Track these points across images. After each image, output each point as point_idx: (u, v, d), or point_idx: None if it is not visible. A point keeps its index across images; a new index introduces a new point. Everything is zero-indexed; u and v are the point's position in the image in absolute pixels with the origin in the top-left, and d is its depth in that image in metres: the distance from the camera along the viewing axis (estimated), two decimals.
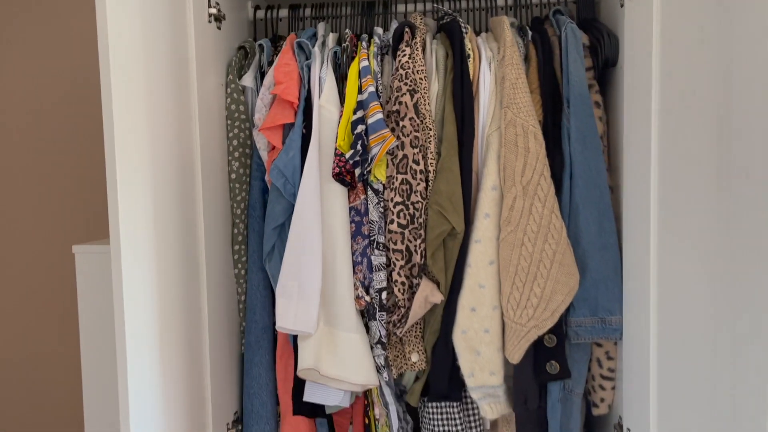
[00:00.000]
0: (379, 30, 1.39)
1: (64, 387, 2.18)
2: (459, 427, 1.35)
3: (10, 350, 2.21)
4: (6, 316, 2.20)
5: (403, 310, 1.31)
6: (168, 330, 1.15)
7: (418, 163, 1.27)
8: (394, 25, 1.38)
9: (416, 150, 1.27)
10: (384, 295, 1.30)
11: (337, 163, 1.28)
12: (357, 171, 1.27)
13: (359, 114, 1.28)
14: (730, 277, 0.86)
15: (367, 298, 1.31)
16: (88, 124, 2.09)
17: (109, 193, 0.97)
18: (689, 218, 0.97)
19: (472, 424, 1.39)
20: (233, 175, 1.40)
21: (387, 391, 1.36)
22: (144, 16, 1.07)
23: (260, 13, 1.56)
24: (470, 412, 1.39)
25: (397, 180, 1.28)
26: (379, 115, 1.25)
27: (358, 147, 1.25)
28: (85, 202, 2.11)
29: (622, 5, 1.23)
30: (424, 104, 1.29)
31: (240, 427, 1.45)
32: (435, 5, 1.49)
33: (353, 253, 1.31)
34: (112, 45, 0.95)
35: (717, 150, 0.88)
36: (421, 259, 1.29)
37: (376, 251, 1.30)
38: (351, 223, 1.32)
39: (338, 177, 1.29)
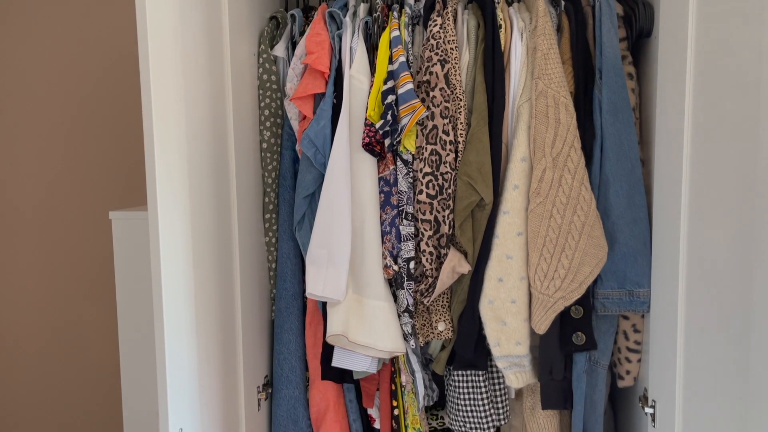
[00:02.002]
0: (411, 0, 1.39)
1: (101, 352, 2.26)
2: (484, 395, 1.37)
3: (49, 316, 2.29)
4: (44, 282, 2.27)
5: (430, 280, 1.32)
6: (202, 295, 1.19)
7: (447, 134, 1.28)
8: None
9: (446, 120, 1.27)
10: (412, 264, 1.32)
11: (367, 133, 1.29)
12: (387, 141, 1.28)
13: (390, 84, 1.28)
14: (761, 251, 0.85)
15: (395, 267, 1.33)
16: (123, 92, 2.13)
17: (147, 161, 0.99)
18: (722, 192, 0.97)
19: (497, 393, 1.41)
20: (264, 145, 1.42)
21: (413, 359, 1.39)
22: None
23: None
24: (495, 381, 1.41)
25: (426, 150, 1.29)
26: (410, 86, 1.26)
27: (388, 117, 1.26)
28: (121, 170, 2.16)
29: None
30: (455, 74, 1.29)
31: (270, 391, 1.49)
32: None
33: (382, 223, 1.33)
34: (150, 15, 0.97)
35: (754, 123, 0.87)
36: (449, 230, 1.30)
37: (404, 221, 1.32)
38: (380, 193, 1.33)
39: (368, 147, 1.30)
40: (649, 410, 1.26)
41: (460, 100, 1.29)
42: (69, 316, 2.27)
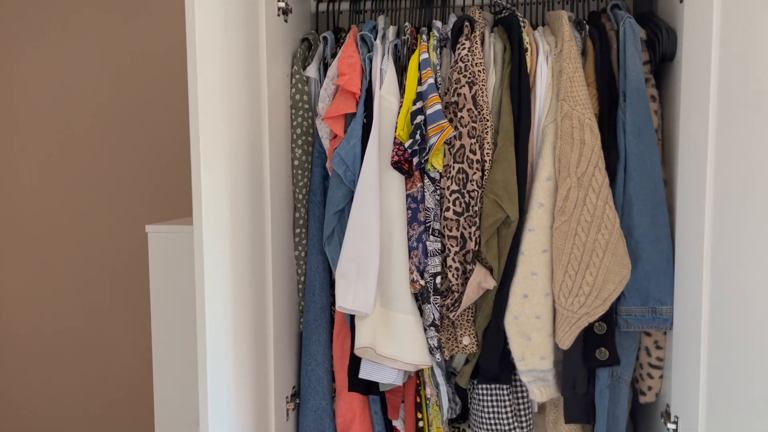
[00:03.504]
0: (438, 23, 1.43)
1: (134, 364, 2.30)
2: (508, 409, 1.40)
3: (84, 328, 2.34)
4: (80, 294, 2.33)
5: (456, 295, 1.36)
6: (240, 308, 1.23)
7: (474, 153, 1.32)
8: (452, 18, 1.42)
9: (473, 140, 1.32)
10: (438, 279, 1.35)
11: (395, 152, 1.34)
12: (415, 159, 1.32)
13: (418, 105, 1.33)
14: None
15: (422, 282, 1.36)
16: (161, 108, 2.20)
17: (193, 177, 1.04)
18: (745, 211, 0.99)
19: (521, 407, 1.43)
20: (296, 162, 1.47)
21: (438, 372, 1.42)
22: (224, 11, 1.14)
23: (322, 6, 1.62)
24: (519, 394, 1.43)
25: (453, 169, 1.33)
26: (438, 106, 1.30)
27: (417, 136, 1.30)
28: (158, 184, 2.21)
29: (681, 1, 1.25)
30: (482, 96, 1.33)
31: (297, 401, 1.53)
32: None
33: (409, 239, 1.37)
34: (199, 35, 1.02)
35: None
36: (475, 246, 1.34)
37: (431, 237, 1.35)
38: (408, 209, 1.37)
39: (397, 165, 1.34)
40: (671, 426, 1.28)
41: (487, 120, 1.33)
42: (102, 330, 2.32)
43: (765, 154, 0.93)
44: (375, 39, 1.42)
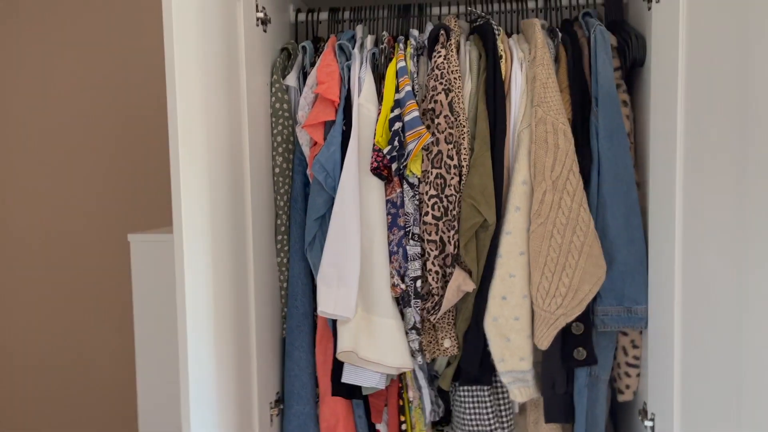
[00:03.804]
0: (415, 32, 1.46)
1: (118, 374, 2.30)
2: (489, 410, 1.42)
3: (66, 338, 2.33)
4: (62, 304, 2.32)
5: (436, 298, 1.38)
6: (221, 315, 1.24)
7: (452, 158, 1.34)
8: (429, 27, 1.45)
9: (450, 146, 1.34)
10: (419, 283, 1.37)
11: (375, 158, 1.36)
12: (394, 166, 1.35)
13: (396, 112, 1.35)
14: (752, 268, 0.91)
15: (403, 286, 1.38)
16: (142, 116, 2.20)
17: (173, 185, 1.05)
18: (713, 213, 1.02)
19: (502, 407, 1.45)
20: (277, 170, 1.49)
21: (420, 375, 1.44)
22: (201, 21, 1.15)
23: (301, 16, 1.64)
24: (500, 395, 1.45)
25: (432, 174, 1.35)
26: (416, 113, 1.33)
27: (395, 143, 1.33)
28: (139, 193, 2.22)
29: (649, 8, 1.29)
30: (458, 102, 1.36)
31: (281, 407, 1.54)
32: (468, 8, 1.56)
33: (389, 244, 1.39)
34: (177, 45, 1.03)
35: (739, 147, 0.93)
36: (454, 250, 1.36)
37: (411, 242, 1.38)
38: (387, 215, 1.39)
39: (376, 171, 1.36)
40: (648, 423, 1.31)
41: (464, 126, 1.36)
42: (85, 338, 2.32)
43: (729, 156, 0.96)
44: (353, 48, 1.45)
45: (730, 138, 0.96)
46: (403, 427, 1.48)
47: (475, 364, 1.39)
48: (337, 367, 1.44)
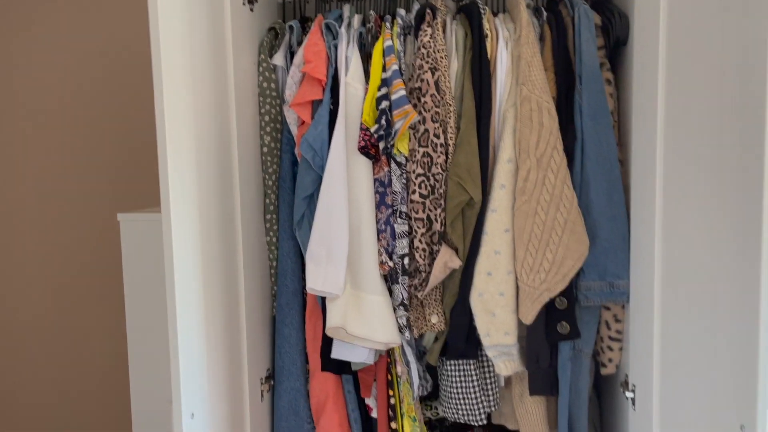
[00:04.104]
0: (402, 11, 1.47)
1: (108, 351, 2.31)
2: (475, 384, 1.45)
3: (56, 316, 2.35)
4: (52, 283, 2.33)
5: (423, 275, 1.40)
6: (210, 293, 1.26)
7: (438, 137, 1.36)
8: (415, 6, 1.45)
9: (437, 125, 1.36)
10: (406, 260, 1.40)
11: (362, 137, 1.37)
12: (381, 144, 1.36)
13: (383, 91, 1.36)
14: (730, 244, 0.94)
15: (391, 264, 1.40)
16: (132, 95, 2.20)
17: (160, 166, 1.06)
18: (692, 189, 1.05)
19: (488, 381, 1.49)
20: (265, 149, 1.50)
21: (408, 350, 1.47)
22: (188, 2, 1.16)
23: None
24: (486, 369, 1.49)
25: (418, 153, 1.37)
26: (402, 92, 1.34)
27: (383, 122, 1.34)
28: (128, 173, 2.22)
29: None
30: (445, 81, 1.37)
31: (272, 383, 1.56)
32: None
33: (377, 222, 1.41)
34: (162, 24, 1.04)
35: (717, 126, 0.96)
36: (441, 227, 1.38)
37: (398, 220, 1.40)
38: (375, 193, 1.41)
39: (363, 150, 1.38)
40: (629, 394, 1.35)
41: (450, 105, 1.38)
42: (75, 318, 2.33)
43: (709, 134, 0.99)
44: (340, 27, 1.45)
45: (710, 117, 0.98)
46: (392, 401, 1.52)
47: (462, 339, 1.42)
48: (327, 343, 1.46)
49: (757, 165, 0.84)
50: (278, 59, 1.50)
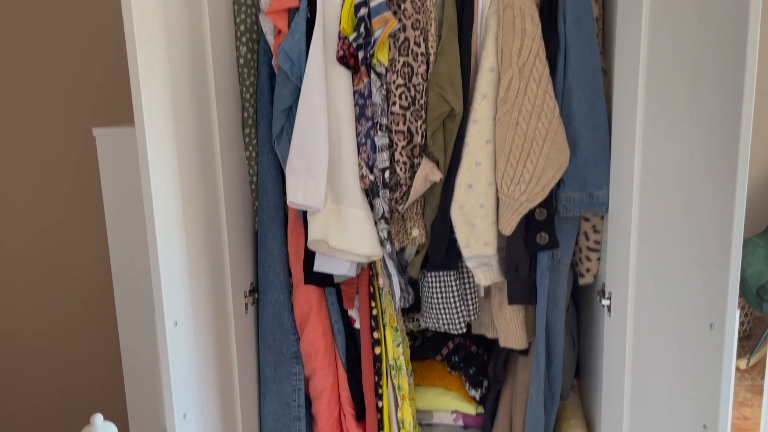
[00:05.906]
0: None
1: (91, 270, 2.32)
2: (455, 294, 1.48)
3: (35, 235, 2.34)
4: (30, 200, 2.30)
5: (404, 188, 1.40)
6: (189, 208, 1.25)
7: (419, 46, 1.32)
8: None
9: (417, 32, 1.32)
10: (387, 173, 1.39)
11: (341, 46, 1.33)
12: (360, 54, 1.32)
13: None
14: (703, 155, 0.94)
15: (371, 177, 1.40)
16: (106, 9, 2.11)
17: (132, 78, 1.03)
18: (673, 100, 1.04)
19: (467, 291, 1.52)
20: (241, 60, 1.46)
21: (390, 263, 1.49)
22: None
23: None
24: (466, 280, 1.51)
25: (399, 62, 1.33)
26: None
27: (361, 30, 1.30)
28: (104, 87, 2.16)
29: None
30: None
31: (256, 296, 1.59)
32: None
33: (357, 135, 1.39)
34: None
35: (698, 35, 0.94)
36: (421, 140, 1.37)
37: (379, 132, 1.38)
38: (355, 105, 1.38)
39: (342, 60, 1.34)
40: (606, 302, 1.38)
41: (431, 12, 1.33)
42: (57, 237, 2.32)
43: (689, 46, 0.97)
44: None
45: (690, 28, 0.96)
46: (374, 312, 1.55)
47: (442, 251, 1.44)
48: (309, 257, 1.48)
49: (739, 71, 0.83)
50: None
